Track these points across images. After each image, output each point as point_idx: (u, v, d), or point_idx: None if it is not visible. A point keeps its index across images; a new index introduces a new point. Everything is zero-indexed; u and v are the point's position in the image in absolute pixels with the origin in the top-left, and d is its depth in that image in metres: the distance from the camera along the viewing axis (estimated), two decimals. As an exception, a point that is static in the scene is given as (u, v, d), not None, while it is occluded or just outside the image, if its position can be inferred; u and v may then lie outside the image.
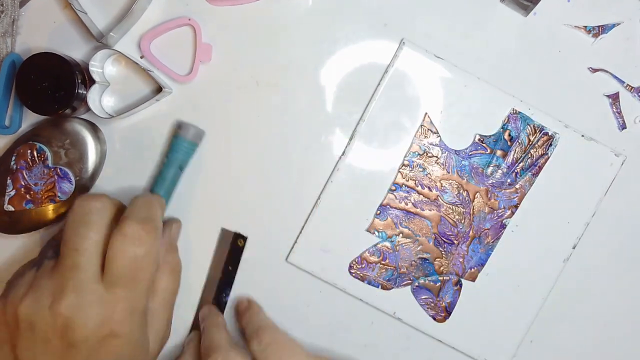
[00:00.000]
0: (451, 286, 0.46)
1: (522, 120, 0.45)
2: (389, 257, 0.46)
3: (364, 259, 0.46)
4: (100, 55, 0.45)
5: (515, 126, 0.45)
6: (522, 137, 0.45)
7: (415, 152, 0.45)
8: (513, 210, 0.46)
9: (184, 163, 0.45)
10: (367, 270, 0.46)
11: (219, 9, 0.46)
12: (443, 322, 0.46)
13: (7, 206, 0.45)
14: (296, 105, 0.46)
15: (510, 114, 0.45)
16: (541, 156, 0.45)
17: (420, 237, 0.46)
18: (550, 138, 0.45)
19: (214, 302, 0.47)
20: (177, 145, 0.45)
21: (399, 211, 0.45)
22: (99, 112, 0.45)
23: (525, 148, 0.45)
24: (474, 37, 0.46)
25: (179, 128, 0.45)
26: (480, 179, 0.45)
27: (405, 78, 0.45)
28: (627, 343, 0.48)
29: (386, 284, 0.46)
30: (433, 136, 0.45)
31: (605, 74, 0.46)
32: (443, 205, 0.46)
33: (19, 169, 0.45)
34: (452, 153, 0.45)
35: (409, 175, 0.45)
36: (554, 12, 0.45)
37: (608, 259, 0.47)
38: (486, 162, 0.45)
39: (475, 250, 0.46)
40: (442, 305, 0.46)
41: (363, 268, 0.46)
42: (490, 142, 0.45)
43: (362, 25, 0.46)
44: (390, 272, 0.46)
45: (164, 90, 0.44)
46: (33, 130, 0.46)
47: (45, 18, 0.46)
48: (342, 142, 0.46)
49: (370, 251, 0.46)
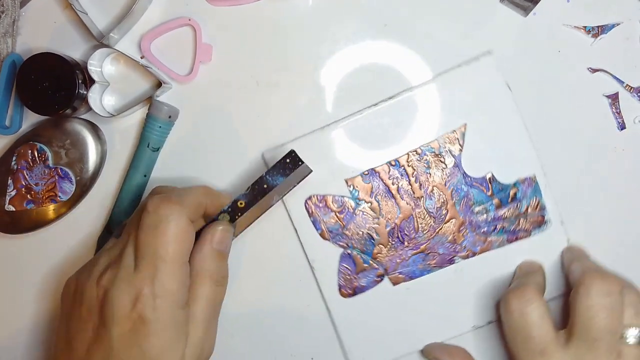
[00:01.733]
0: (374, 275, 0.46)
1: (533, 189, 0.45)
2: (345, 214, 0.46)
3: (325, 200, 0.46)
4: (98, 54, 0.45)
5: (524, 190, 0.45)
6: (523, 203, 0.45)
7: (432, 148, 0.45)
8: (470, 255, 0.46)
9: (158, 143, 0.46)
10: (320, 211, 0.46)
11: (219, 9, 0.46)
12: (344, 297, 0.46)
13: (8, 206, 0.45)
14: (296, 105, 0.46)
15: (528, 177, 0.45)
16: (525, 230, 0.45)
17: (382, 218, 0.46)
18: (543, 222, 0.45)
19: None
20: (150, 125, 0.45)
21: (382, 185, 0.45)
22: (100, 111, 0.45)
23: (518, 214, 0.45)
24: (474, 37, 0.46)
25: (152, 107, 0.45)
26: (465, 210, 0.46)
27: (472, 83, 0.45)
28: None
29: (326, 233, 0.46)
30: (456, 147, 0.45)
31: (604, 74, 0.46)
32: (420, 207, 0.46)
33: (20, 169, 0.45)
34: (460, 173, 0.45)
35: (413, 162, 0.45)
36: (553, 13, 0.45)
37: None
38: (480, 201, 0.45)
39: (416, 262, 0.46)
40: (354, 284, 0.46)
41: (318, 207, 0.46)
42: (496, 187, 0.45)
43: (362, 25, 0.46)
44: (337, 226, 0.46)
45: (164, 85, 0.44)
46: (34, 131, 0.46)
47: (46, 18, 0.46)
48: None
49: (336, 198, 0.46)
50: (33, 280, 0.48)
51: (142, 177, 0.46)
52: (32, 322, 0.49)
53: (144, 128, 0.45)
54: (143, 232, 0.36)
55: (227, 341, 0.47)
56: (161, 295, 0.35)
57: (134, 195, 0.46)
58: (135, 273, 0.36)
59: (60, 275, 0.48)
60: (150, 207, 0.36)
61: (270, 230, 0.47)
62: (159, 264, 0.35)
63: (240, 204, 0.40)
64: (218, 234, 0.39)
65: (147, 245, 0.36)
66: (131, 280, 0.35)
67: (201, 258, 0.38)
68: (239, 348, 0.48)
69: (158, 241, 0.36)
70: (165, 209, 0.36)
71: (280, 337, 0.48)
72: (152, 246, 0.36)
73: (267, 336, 0.48)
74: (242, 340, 0.48)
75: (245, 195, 0.40)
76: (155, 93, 0.45)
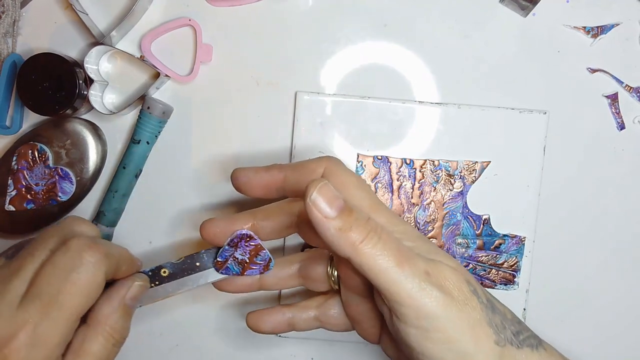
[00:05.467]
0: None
1: (517, 249, 0.46)
2: None
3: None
4: (95, 52, 0.45)
5: (509, 246, 0.46)
6: (502, 257, 0.46)
7: (449, 167, 0.46)
8: None
9: (151, 139, 0.46)
10: None
11: (219, 10, 0.46)
12: None
13: (9, 206, 0.45)
14: (296, 106, 0.46)
15: (519, 236, 0.46)
16: (492, 281, 0.46)
17: None
18: (512, 282, 0.46)
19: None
20: (143, 122, 0.45)
21: (389, 176, 0.46)
22: (101, 109, 0.45)
23: (494, 263, 0.46)
24: (473, 37, 0.46)
25: (146, 104, 0.45)
26: (449, 236, 0.46)
27: (516, 130, 0.45)
28: None
29: None
30: (471, 177, 0.46)
31: (604, 75, 0.46)
32: (411, 214, 0.46)
33: (20, 169, 0.45)
34: (462, 202, 0.46)
35: (427, 170, 0.45)
36: (553, 13, 0.45)
37: None
38: (466, 235, 0.46)
39: None
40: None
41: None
42: (487, 230, 0.46)
43: (362, 25, 0.46)
44: None
45: (162, 76, 0.44)
46: (34, 131, 0.46)
47: (47, 19, 0.46)
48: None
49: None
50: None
51: (132, 173, 0.46)
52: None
53: (136, 124, 0.45)
54: (51, 270, 0.31)
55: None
56: (38, 346, 0.30)
57: (124, 190, 0.46)
58: (19, 310, 0.30)
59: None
60: (74, 246, 0.31)
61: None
62: (53, 311, 0.30)
63: (163, 272, 0.36)
64: (135, 288, 0.34)
65: (48, 285, 0.30)
66: (10, 317, 0.30)
67: (107, 311, 0.33)
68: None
69: (66, 287, 0.30)
70: (91, 256, 0.31)
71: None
72: (55, 289, 0.30)
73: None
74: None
75: (173, 266, 0.35)
76: (154, 84, 0.45)
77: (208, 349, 0.48)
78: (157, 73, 0.45)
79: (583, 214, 0.47)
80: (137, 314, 0.49)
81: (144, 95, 0.45)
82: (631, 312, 0.48)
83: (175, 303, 0.48)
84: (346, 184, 0.32)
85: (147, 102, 0.45)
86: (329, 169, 0.33)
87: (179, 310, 0.48)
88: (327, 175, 0.33)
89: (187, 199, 0.47)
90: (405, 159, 0.46)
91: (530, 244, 0.46)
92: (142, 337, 0.48)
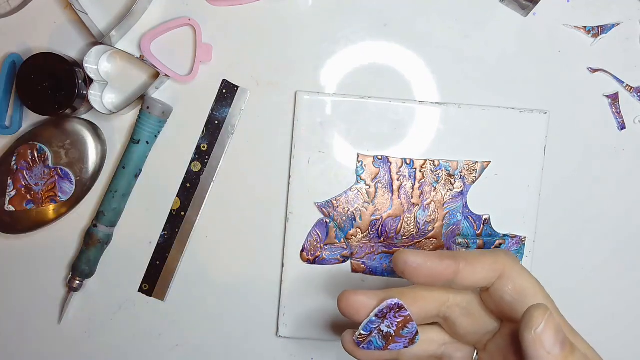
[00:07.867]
0: (339, 253, 0.46)
1: (517, 249, 0.46)
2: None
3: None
4: (95, 52, 0.45)
5: (509, 246, 0.46)
6: None
7: (450, 167, 0.45)
8: None
9: (150, 139, 0.46)
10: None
11: (219, 9, 0.46)
12: (303, 261, 0.46)
13: (8, 206, 0.45)
14: (296, 106, 0.46)
15: (519, 236, 0.46)
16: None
17: (372, 206, 0.46)
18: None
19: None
20: (142, 121, 0.45)
21: (389, 176, 0.46)
22: (101, 109, 0.45)
23: None
24: (474, 37, 0.46)
25: (145, 104, 0.45)
26: (449, 236, 0.46)
27: (516, 130, 0.45)
28: None
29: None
30: (471, 177, 0.45)
31: (604, 74, 0.46)
32: (411, 214, 0.46)
33: (20, 169, 0.45)
34: (462, 202, 0.46)
35: (427, 170, 0.45)
36: (553, 13, 0.45)
37: None
38: (466, 235, 0.46)
39: (382, 260, 0.46)
40: (317, 253, 0.46)
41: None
42: (487, 230, 0.46)
43: (362, 25, 0.46)
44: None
45: (161, 76, 0.44)
46: (33, 131, 0.46)
47: (46, 18, 0.46)
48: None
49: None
50: (33, 280, 0.48)
51: (132, 173, 0.46)
52: (31, 322, 0.49)
53: (136, 124, 0.45)
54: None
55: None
56: None
57: (124, 190, 0.46)
58: None
59: (60, 275, 0.48)
60: None
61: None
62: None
63: (203, 147, 0.39)
64: None
65: None
66: None
67: None
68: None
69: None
70: None
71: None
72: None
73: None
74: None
75: (204, 139, 0.39)
76: (153, 84, 0.45)
77: (208, 348, 0.48)
78: (156, 73, 0.45)
79: (583, 214, 0.47)
80: (137, 314, 0.49)
81: (144, 95, 0.45)
82: (631, 312, 0.48)
83: (175, 303, 0.48)
84: (526, 290, 0.30)
85: (147, 102, 0.45)
86: (507, 268, 0.30)
87: (179, 310, 0.48)
88: (505, 276, 0.30)
89: (187, 199, 0.47)
90: (405, 159, 0.46)
91: (531, 244, 0.46)
92: (142, 337, 0.48)
